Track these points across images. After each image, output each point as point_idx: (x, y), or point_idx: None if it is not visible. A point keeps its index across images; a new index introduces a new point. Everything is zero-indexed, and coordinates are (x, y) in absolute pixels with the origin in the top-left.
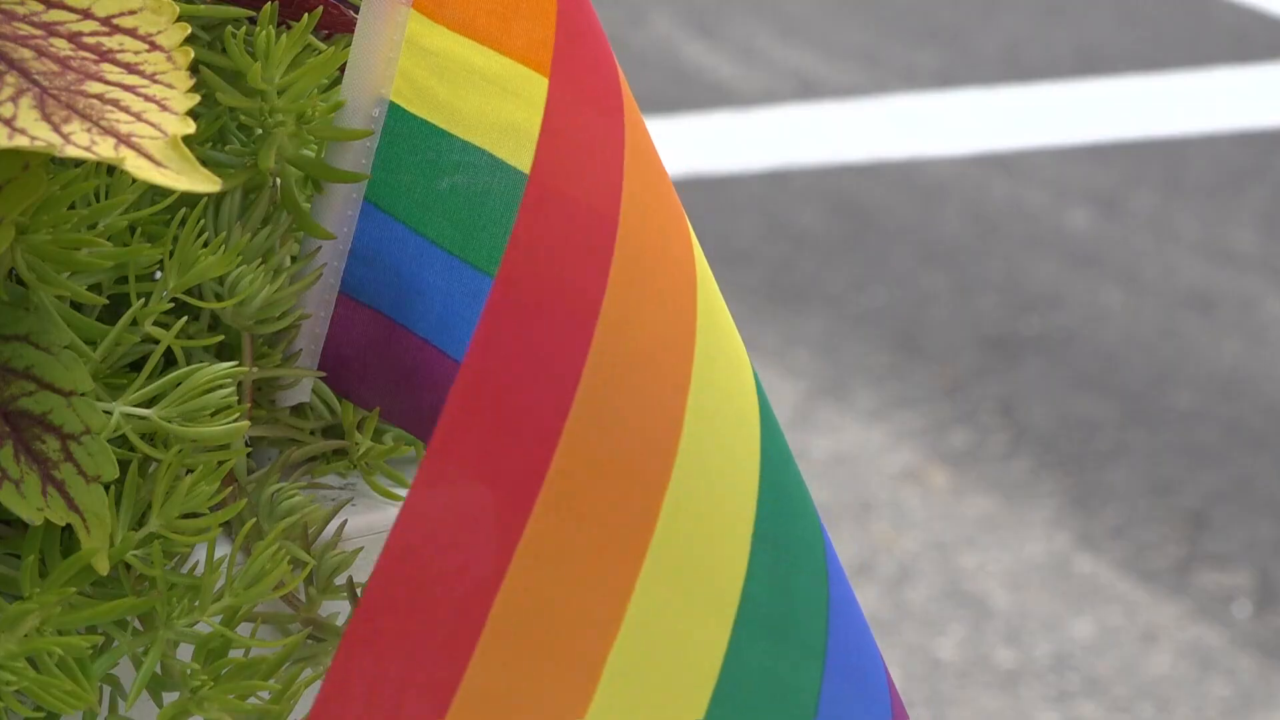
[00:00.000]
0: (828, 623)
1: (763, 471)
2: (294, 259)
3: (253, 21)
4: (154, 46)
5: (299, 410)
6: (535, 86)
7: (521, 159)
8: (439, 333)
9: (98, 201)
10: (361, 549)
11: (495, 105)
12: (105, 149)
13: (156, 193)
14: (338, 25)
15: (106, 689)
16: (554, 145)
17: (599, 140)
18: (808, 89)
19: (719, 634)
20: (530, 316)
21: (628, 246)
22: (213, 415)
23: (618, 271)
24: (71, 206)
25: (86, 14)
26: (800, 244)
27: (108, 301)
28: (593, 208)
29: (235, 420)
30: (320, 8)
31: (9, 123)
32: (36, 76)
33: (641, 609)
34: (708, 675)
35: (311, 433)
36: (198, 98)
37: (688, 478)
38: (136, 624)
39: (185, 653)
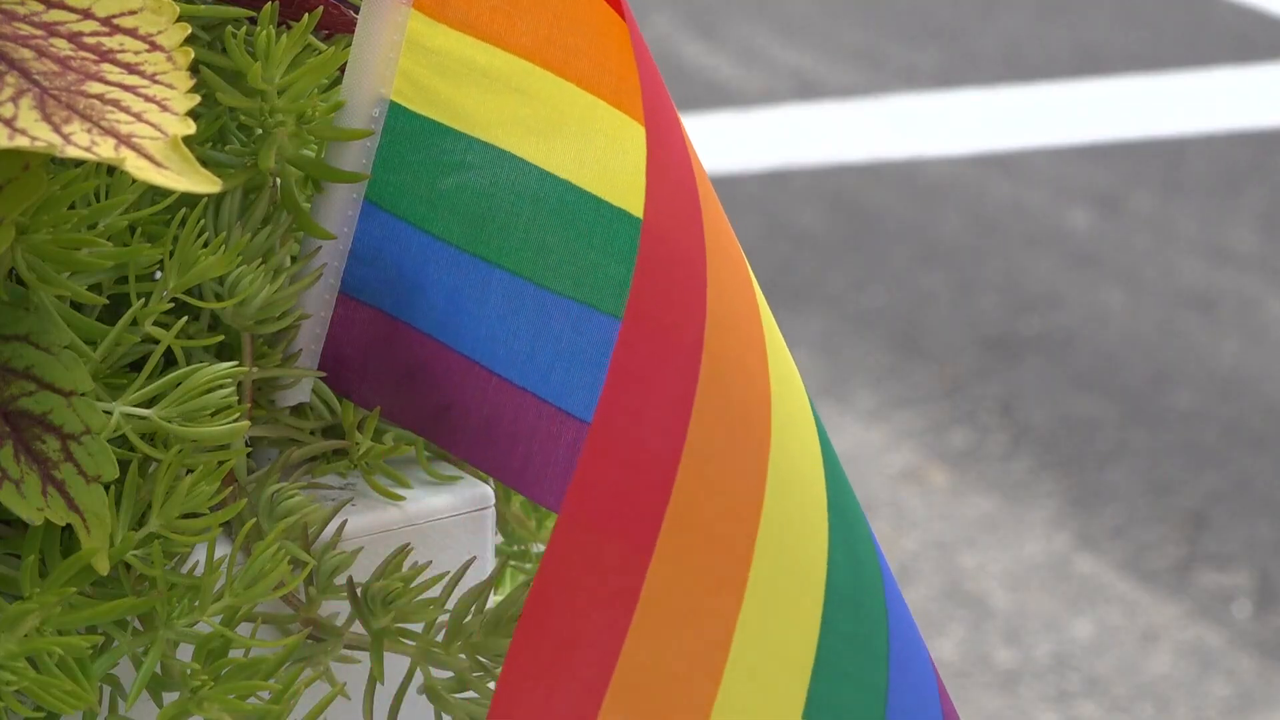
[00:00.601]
0: (888, 633)
1: (829, 497)
2: (294, 259)
3: (253, 21)
4: (154, 46)
5: (299, 410)
6: (540, 82)
7: (528, 150)
8: (443, 328)
9: (98, 201)
10: (361, 549)
11: (500, 101)
12: (105, 149)
13: (156, 193)
14: (338, 25)
15: (106, 689)
16: (660, 188)
17: (682, 178)
18: (808, 89)
19: (809, 645)
20: (652, 362)
21: (716, 286)
22: (213, 415)
23: (712, 312)
24: (71, 206)
25: (87, 14)
26: (800, 244)
27: (108, 301)
28: (687, 247)
29: (235, 420)
30: (320, 8)
31: (9, 123)
32: (37, 77)
33: (745, 630)
34: (802, 680)
35: (311, 433)
36: (198, 98)
37: (776, 499)
38: (136, 624)
39: (185, 653)
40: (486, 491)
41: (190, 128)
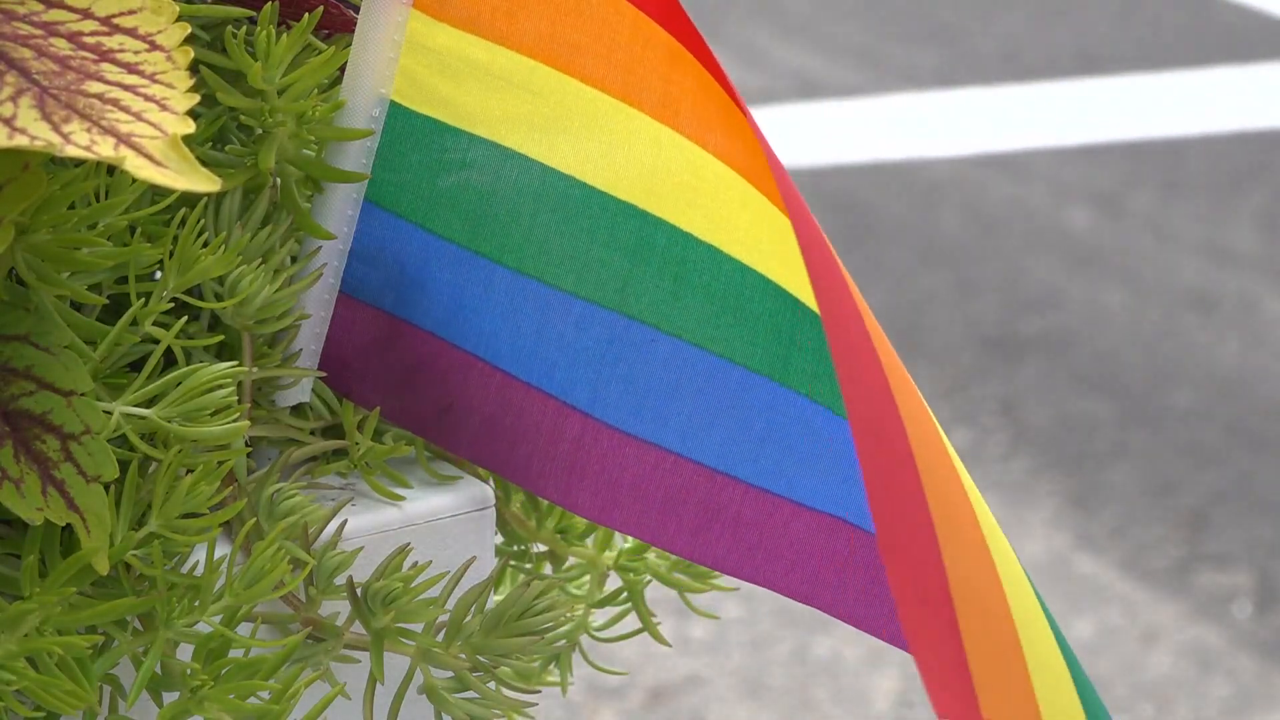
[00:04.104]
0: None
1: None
2: (294, 259)
3: (253, 21)
4: (154, 46)
5: (299, 410)
6: (542, 79)
7: (530, 147)
8: (446, 325)
9: (98, 201)
10: (361, 549)
11: (501, 98)
12: (105, 149)
13: (156, 193)
14: (338, 25)
15: (106, 689)
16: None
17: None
18: (808, 89)
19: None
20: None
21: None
22: (213, 415)
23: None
24: (71, 206)
25: (86, 14)
26: None
27: (108, 301)
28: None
29: (235, 420)
30: (320, 8)
31: (9, 123)
32: (36, 76)
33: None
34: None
35: (311, 433)
36: (198, 97)
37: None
38: (136, 624)
39: (185, 653)
40: (486, 491)
41: (190, 127)
